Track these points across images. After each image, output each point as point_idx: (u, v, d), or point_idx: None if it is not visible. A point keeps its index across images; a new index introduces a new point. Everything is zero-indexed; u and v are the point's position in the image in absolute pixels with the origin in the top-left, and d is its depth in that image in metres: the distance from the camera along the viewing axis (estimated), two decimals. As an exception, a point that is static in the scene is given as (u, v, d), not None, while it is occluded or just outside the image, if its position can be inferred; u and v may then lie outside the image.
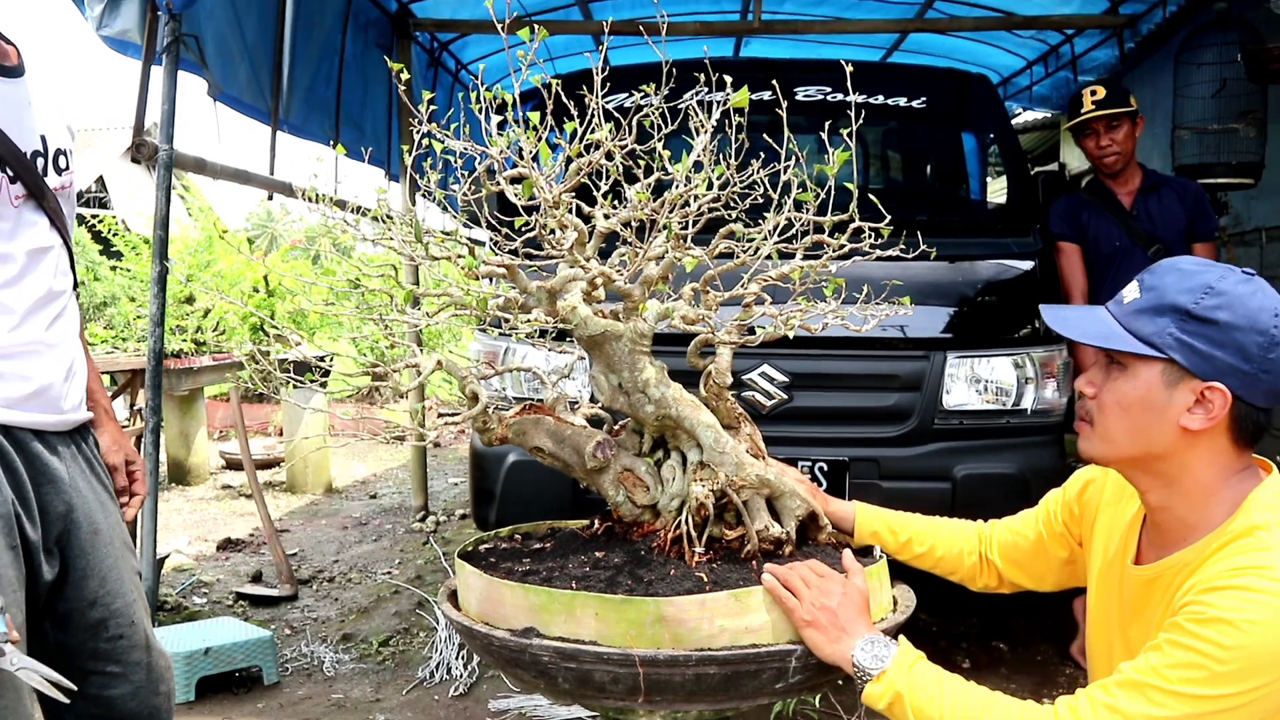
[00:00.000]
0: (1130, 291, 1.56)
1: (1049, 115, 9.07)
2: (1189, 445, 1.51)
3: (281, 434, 8.99)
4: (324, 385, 7.24)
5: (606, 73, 1.63)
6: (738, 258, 1.72)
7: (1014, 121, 8.92)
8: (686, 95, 1.67)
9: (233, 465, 8.59)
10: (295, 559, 5.73)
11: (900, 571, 1.93)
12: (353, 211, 1.78)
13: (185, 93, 4.10)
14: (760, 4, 6.16)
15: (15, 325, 1.80)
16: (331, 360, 8.22)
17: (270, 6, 4.91)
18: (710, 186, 1.64)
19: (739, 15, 7.09)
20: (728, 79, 1.61)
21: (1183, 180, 4.40)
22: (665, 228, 1.59)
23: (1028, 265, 3.76)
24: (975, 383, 3.50)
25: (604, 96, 1.58)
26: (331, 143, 5.69)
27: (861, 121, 1.86)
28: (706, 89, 1.67)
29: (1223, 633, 1.34)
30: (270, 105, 5.02)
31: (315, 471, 7.94)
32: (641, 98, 1.64)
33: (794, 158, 1.69)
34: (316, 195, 1.81)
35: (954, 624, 4.30)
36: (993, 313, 3.66)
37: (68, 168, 1.96)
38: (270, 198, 5.38)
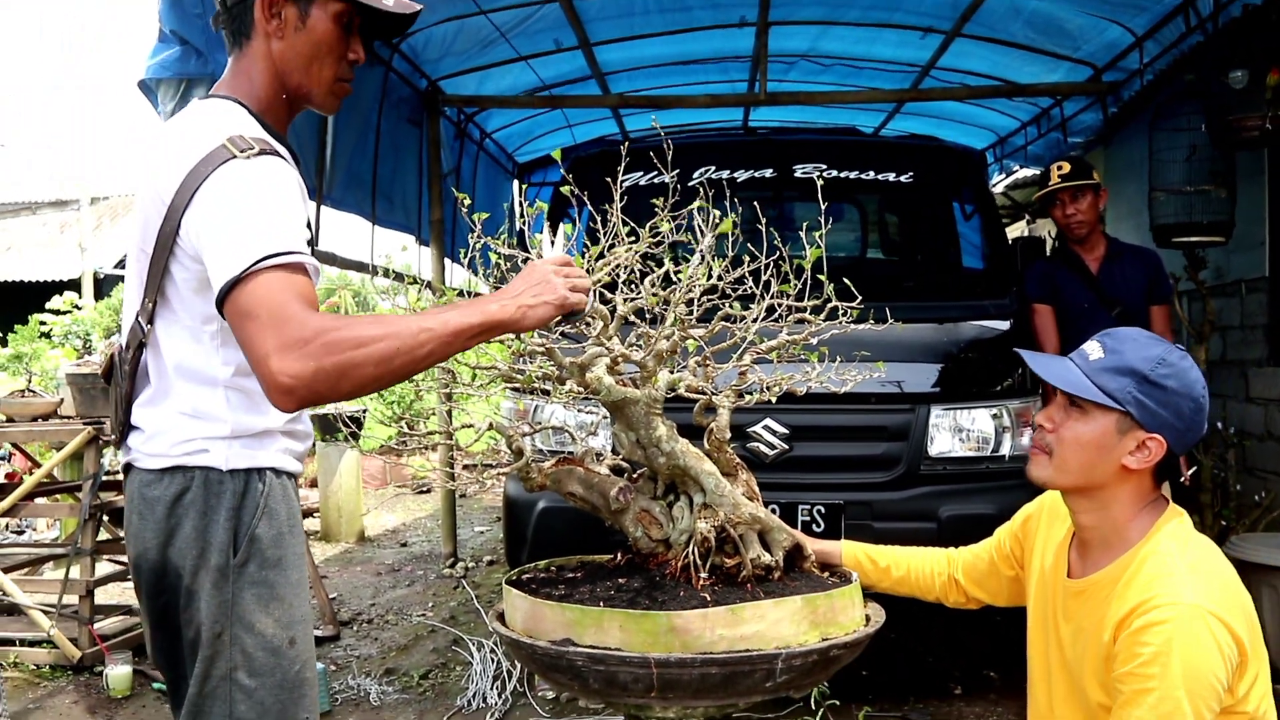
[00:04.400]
0: (1094, 350, 1.93)
1: (1043, 172, 9.49)
2: (1122, 480, 1.91)
3: (315, 485, 9.38)
4: (356, 437, 7.65)
5: (625, 151, 2.04)
6: (733, 336, 2.12)
7: (1012, 178, 9.36)
8: (696, 173, 2.09)
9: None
10: (334, 602, 6.10)
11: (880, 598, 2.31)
12: (411, 283, 2.19)
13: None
14: (766, 76, 6.58)
15: None
16: (364, 414, 8.65)
17: (315, 93, 5.37)
18: (710, 275, 2.05)
19: (746, 86, 7.55)
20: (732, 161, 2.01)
21: (1143, 248, 4.81)
22: (674, 316, 2.00)
23: (1004, 325, 4.15)
24: (958, 432, 3.88)
25: (617, 173, 1.98)
26: (370, 214, 6.16)
27: (856, 195, 2.26)
28: (714, 168, 2.08)
29: (1161, 663, 1.71)
30: (315, 183, 5.47)
31: (348, 521, 8.34)
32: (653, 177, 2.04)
33: (788, 241, 2.10)
34: (401, 276, 2.24)
35: (948, 654, 4.63)
36: (973, 369, 4.05)
37: None
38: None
